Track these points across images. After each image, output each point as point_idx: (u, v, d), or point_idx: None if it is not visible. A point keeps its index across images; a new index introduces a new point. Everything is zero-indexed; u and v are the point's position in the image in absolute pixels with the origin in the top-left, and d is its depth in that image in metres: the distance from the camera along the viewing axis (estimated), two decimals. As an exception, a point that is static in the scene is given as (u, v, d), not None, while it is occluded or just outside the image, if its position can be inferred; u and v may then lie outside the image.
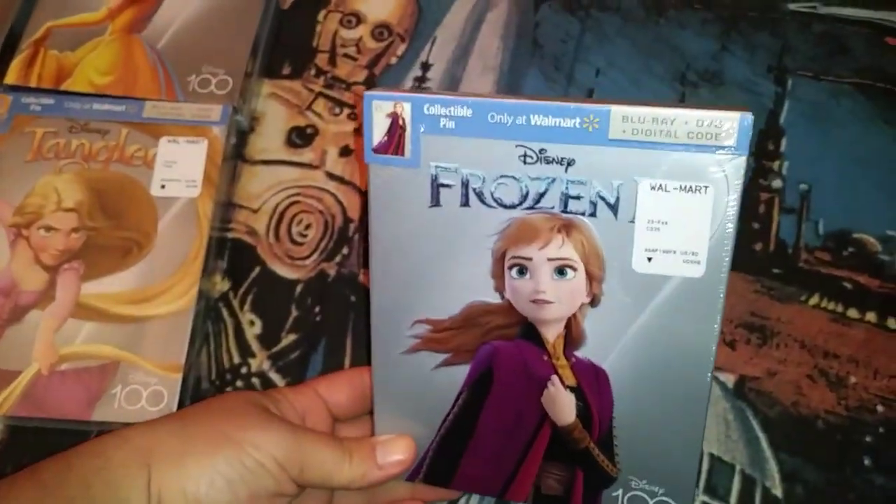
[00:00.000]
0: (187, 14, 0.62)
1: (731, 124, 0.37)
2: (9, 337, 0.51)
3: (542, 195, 0.40)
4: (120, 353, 0.51)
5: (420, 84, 0.63)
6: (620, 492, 0.44)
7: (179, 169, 0.56)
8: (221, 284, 0.56)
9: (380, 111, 0.40)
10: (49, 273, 0.53)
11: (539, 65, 0.63)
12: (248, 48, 0.61)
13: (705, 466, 0.51)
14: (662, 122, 0.38)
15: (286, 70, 0.64)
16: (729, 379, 0.53)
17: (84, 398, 0.50)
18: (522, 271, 0.42)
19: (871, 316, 0.54)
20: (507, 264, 0.42)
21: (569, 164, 0.39)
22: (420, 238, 0.42)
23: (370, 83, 0.63)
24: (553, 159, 0.39)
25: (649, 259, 0.40)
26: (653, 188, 0.39)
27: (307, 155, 0.61)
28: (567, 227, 0.41)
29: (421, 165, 0.41)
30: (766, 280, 0.56)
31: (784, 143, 0.60)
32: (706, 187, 0.38)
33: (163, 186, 0.55)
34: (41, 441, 0.51)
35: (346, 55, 0.64)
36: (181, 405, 0.50)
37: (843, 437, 0.51)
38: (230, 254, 0.57)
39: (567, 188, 0.40)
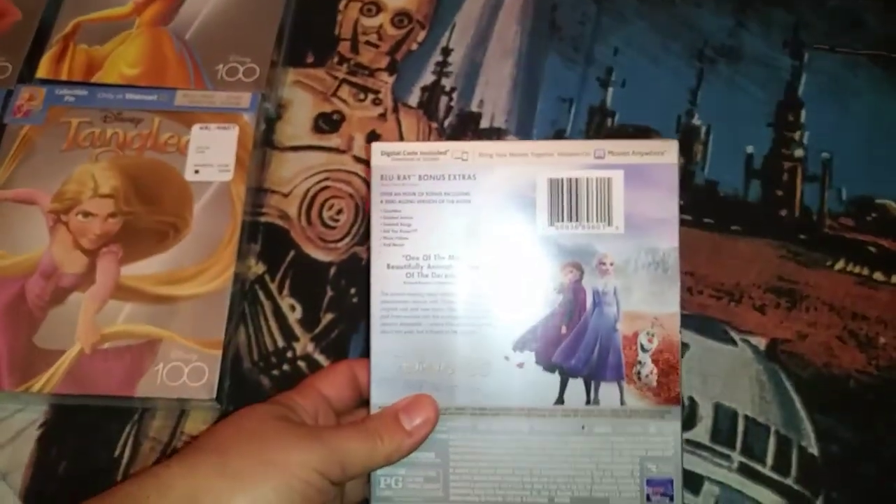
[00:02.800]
0: (212, 5, 0.63)
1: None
2: (52, 318, 0.52)
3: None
4: (160, 331, 0.52)
5: (441, 69, 0.64)
6: None
7: (212, 154, 0.57)
8: (256, 267, 0.57)
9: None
10: (89, 256, 0.54)
11: (558, 47, 0.65)
12: (274, 37, 0.62)
13: (740, 428, 0.51)
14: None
15: (310, 58, 0.65)
16: (761, 342, 0.54)
17: (127, 375, 0.50)
18: None
19: (896, 278, 0.55)
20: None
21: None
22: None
23: (392, 69, 0.64)
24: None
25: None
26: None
27: (334, 140, 0.62)
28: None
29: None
30: (791, 245, 0.56)
31: (803, 114, 0.61)
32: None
33: (196, 171, 0.56)
34: (85, 420, 0.52)
35: (367, 42, 0.66)
36: (221, 382, 0.51)
37: (875, 397, 0.52)
38: (263, 237, 0.58)
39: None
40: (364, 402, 0.46)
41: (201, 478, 0.38)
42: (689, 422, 0.51)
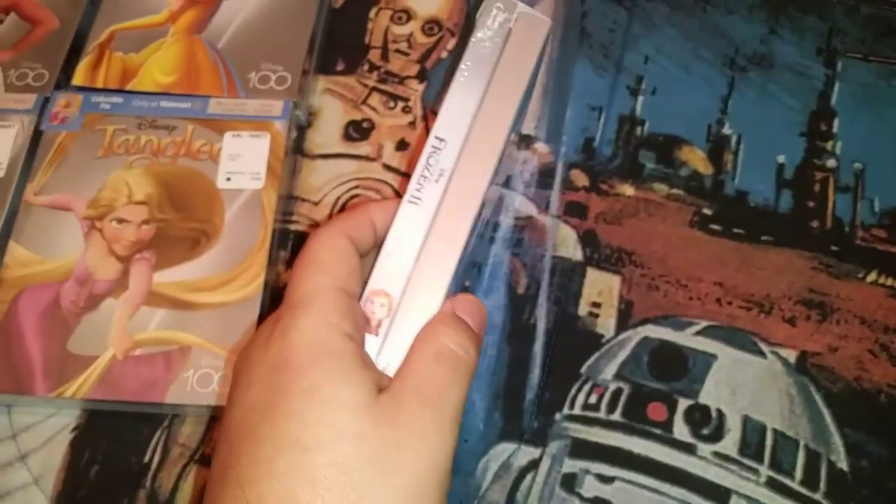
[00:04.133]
0: (245, 14, 0.64)
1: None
2: (85, 324, 0.53)
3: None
4: (191, 338, 0.52)
5: (472, 77, 0.64)
6: None
7: (244, 162, 0.58)
8: (285, 275, 0.58)
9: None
10: (122, 263, 0.54)
11: (588, 54, 0.65)
12: (305, 45, 0.63)
13: (769, 442, 0.51)
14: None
15: (340, 66, 0.66)
16: (790, 355, 0.53)
17: (158, 381, 0.51)
18: None
19: (930, 291, 0.55)
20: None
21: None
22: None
23: (422, 77, 0.65)
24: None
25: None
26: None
27: (364, 148, 0.62)
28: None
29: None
30: (822, 257, 0.56)
31: (836, 123, 0.60)
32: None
33: (228, 179, 0.57)
34: (116, 425, 0.53)
35: (397, 51, 0.66)
36: (251, 389, 0.52)
37: (906, 411, 0.51)
38: (293, 245, 0.59)
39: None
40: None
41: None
42: (716, 434, 0.51)
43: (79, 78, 0.62)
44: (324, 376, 0.34)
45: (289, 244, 0.59)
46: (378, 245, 0.40)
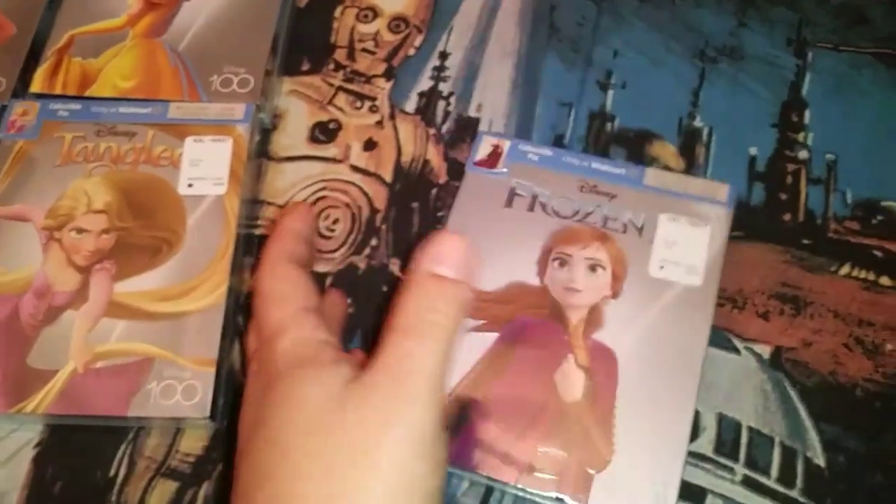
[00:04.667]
0: (206, 16, 0.63)
1: (724, 189, 0.55)
2: (45, 338, 0.52)
3: (589, 213, 0.55)
4: (154, 349, 0.51)
5: (439, 73, 0.63)
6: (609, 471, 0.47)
7: (206, 167, 0.56)
8: (251, 280, 0.57)
9: (486, 142, 0.58)
10: (82, 274, 0.53)
11: (557, 48, 0.64)
12: (268, 46, 0.61)
13: (744, 440, 0.50)
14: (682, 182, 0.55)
15: (305, 66, 0.64)
16: (765, 350, 0.52)
17: (120, 394, 0.50)
18: (563, 264, 0.53)
19: (903, 282, 0.54)
20: (551, 257, 0.53)
21: (612, 197, 0.55)
22: (488, 228, 0.54)
23: (389, 75, 0.64)
24: (602, 192, 0.55)
25: (661, 267, 0.52)
26: (669, 220, 0.54)
27: (331, 150, 0.61)
28: (603, 238, 0.53)
29: (507, 177, 0.56)
30: (795, 250, 0.55)
31: (808, 114, 0.60)
32: (705, 223, 0.53)
33: (190, 185, 0.56)
34: (80, 439, 0.52)
35: (364, 49, 0.65)
36: (215, 400, 0.51)
37: (882, 405, 0.51)
38: (259, 250, 0.58)
39: (608, 212, 0.54)
40: None
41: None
42: (691, 433, 0.50)
43: (37, 85, 0.61)
44: (296, 381, 0.35)
45: (254, 249, 0.58)
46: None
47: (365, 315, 0.56)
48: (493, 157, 0.57)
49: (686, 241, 0.53)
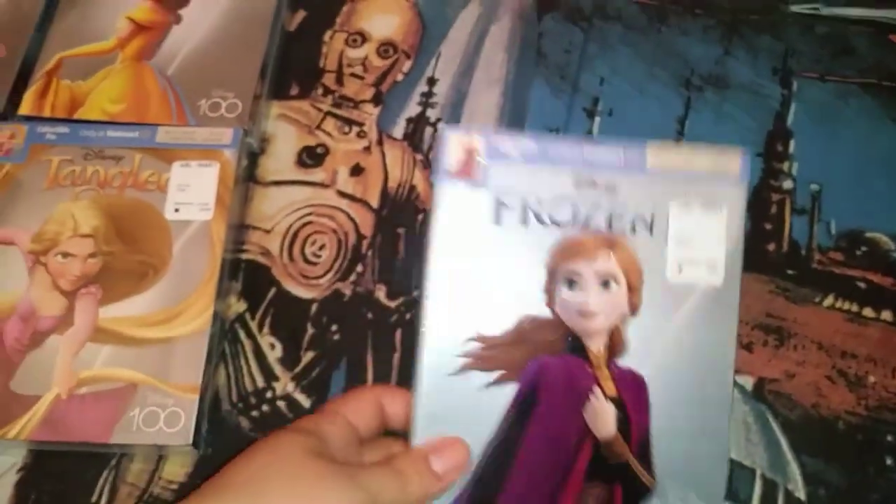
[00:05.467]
0: (195, 40, 0.63)
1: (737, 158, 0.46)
2: (29, 362, 0.52)
3: (590, 216, 0.46)
4: (138, 375, 0.51)
5: (427, 99, 0.64)
6: (656, 502, 0.44)
7: (192, 192, 0.57)
8: (237, 305, 0.57)
9: (456, 144, 0.46)
10: (67, 298, 0.53)
11: (545, 75, 0.64)
12: (257, 71, 0.62)
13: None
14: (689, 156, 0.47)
15: (294, 91, 0.65)
16: (748, 381, 0.53)
17: (103, 421, 0.50)
18: (572, 284, 0.45)
19: (886, 314, 0.54)
20: (557, 279, 0.45)
21: (613, 190, 0.46)
22: (479, 254, 0.45)
23: (377, 101, 0.64)
24: (600, 185, 0.46)
25: (680, 270, 0.45)
26: (680, 209, 0.46)
27: (318, 174, 0.61)
28: (612, 244, 0.46)
29: (489, 189, 0.46)
30: (780, 281, 0.56)
31: (792, 144, 0.60)
32: (720, 207, 0.46)
33: (176, 210, 0.56)
34: (63, 464, 0.52)
35: (352, 74, 0.65)
36: (198, 427, 0.51)
37: (864, 437, 0.51)
38: (245, 275, 0.58)
39: (611, 209, 0.46)
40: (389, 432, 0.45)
41: None
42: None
43: (26, 107, 0.61)
44: None
45: (240, 274, 0.58)
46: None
47: (350, 342, 0.56)
48: (468, 165, 0.47)
49: (702, 233, 0.46)
